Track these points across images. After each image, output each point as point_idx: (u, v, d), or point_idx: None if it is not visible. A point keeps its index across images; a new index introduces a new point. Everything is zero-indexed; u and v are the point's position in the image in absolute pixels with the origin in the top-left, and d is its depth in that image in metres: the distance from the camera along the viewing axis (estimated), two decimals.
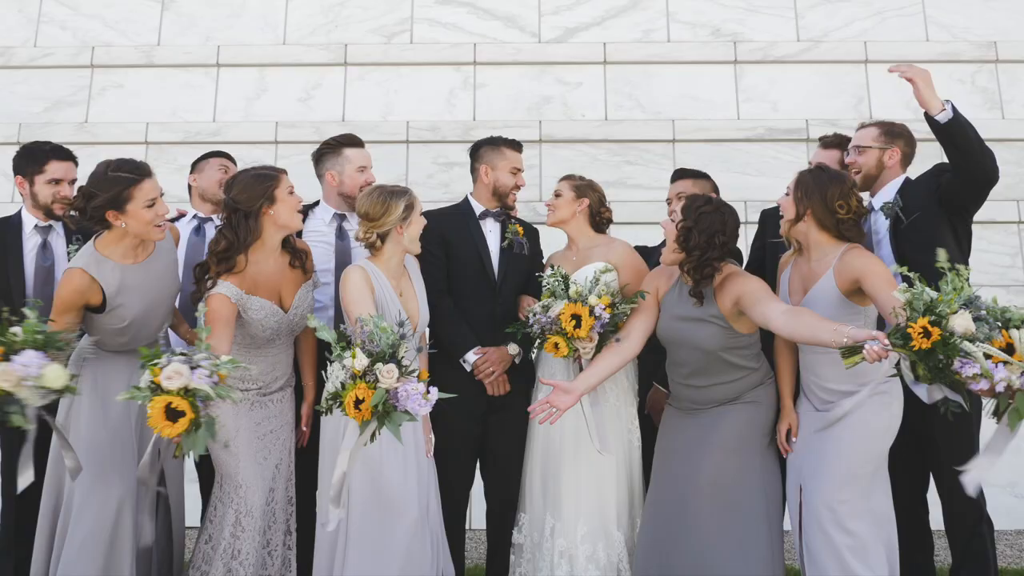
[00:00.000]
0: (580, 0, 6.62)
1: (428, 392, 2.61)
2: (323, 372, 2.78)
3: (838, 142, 4.03)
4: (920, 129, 6.00)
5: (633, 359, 3.61)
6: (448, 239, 3.82)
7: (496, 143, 3.99)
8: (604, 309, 3.36)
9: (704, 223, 3.27)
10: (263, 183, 3.30)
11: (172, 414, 2.61)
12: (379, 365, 2.57)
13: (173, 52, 6.57)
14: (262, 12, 6.66)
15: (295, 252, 3.45)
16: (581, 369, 3.47)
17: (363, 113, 6.43)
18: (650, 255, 3.94)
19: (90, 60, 6.52)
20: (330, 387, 2.63)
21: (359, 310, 3.11)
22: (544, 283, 3.49)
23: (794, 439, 3.32)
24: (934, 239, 3.30)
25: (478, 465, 3.90)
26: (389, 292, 3.35)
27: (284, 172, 3.40)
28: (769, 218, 3.97)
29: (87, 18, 6.67)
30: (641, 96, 6.45)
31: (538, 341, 3.50)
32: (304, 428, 3.59)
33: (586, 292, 3.41)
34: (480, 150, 4.01)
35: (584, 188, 3.90)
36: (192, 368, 2.61)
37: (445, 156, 6.31)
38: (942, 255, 2.74)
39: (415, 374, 2.64)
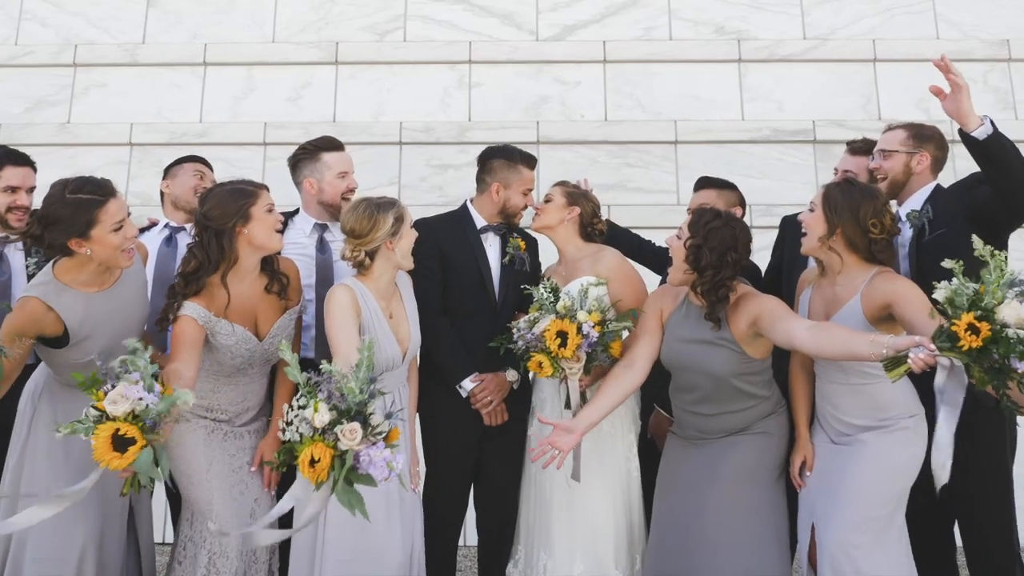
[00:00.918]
0: None
1: (395, 460, 2.29)
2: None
3: (867, 148, 3.67)
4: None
5: None
6: (445, 253, 3.50)
7: (512, 158, 3.61)
8: (593, 327, 3.05)
9: (714, 240, 2.97)
10: (238, 200, 2.98)
11: (120, 443, 2.29)
12: (343, 423, 2.26)
13: (158, 50, 6.29)
14: (250, 9, 6.37)
15: (274, 276, 3.12)
16: (569, 390, 3.17)
17: (354, 113, 6.15)
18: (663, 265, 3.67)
19: (73, 59, 6.24)
20: (286, 435, 2.32)
21: (341, 337, 2.82)
22: (534, 296, 3.20)
23: (808, 473, 3.04)
24: (960, 257, 2.99)
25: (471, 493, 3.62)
26: (377, 315, 3.06)
27: (264, 188, 3.08)
28: (789, 225, 3.68)
29: (70, 15, 6.38)
30: (642, 96, 6.16)
31: (523, 359, 3.19)
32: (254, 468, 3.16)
33: (576, 307, 3.12)
34: (493, 163, 3.62)
35: (577, 196, 3.60)
36: (133, 384, 2.30)
37: (439, 158, 6.05)
38: (957, 266, 2.45)
39: (382, 435, 2.32)
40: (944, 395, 2.44)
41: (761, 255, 3.77)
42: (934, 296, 2.45)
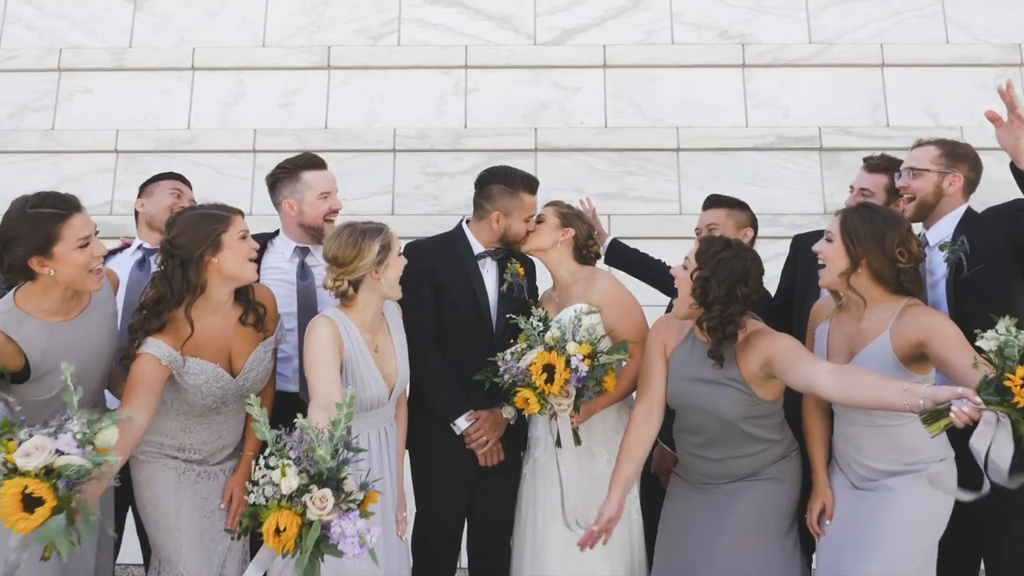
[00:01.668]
0: (578, 0, 6.04)
1: (369, 533, 2.04)
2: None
3: (886, 165, 3.38)
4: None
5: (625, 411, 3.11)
6: (439, 280, 3.22)
7: (513, 184, 3.29)
8: (582, 360, 2.79)
9: (723, 272, 2.70)
10: (208, 225, 2.70)
11: (29, 502, 2.01)
12: (312, 489, 2.00)
13: (145, 54, 6.02)
14: (240, 12, 6.10)
15: (250, 306, 2.86)
16: (559, 428, 2.92)
17: (347, 120, 5.88)
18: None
19: (57, 63, 5.97)
20: (251, 498, 2.07)
21: (320, 378, 2.57)
22: (521, 326, 2.95)
23: (827, 521, 2.77)
24: (1003, 297, 2.71)
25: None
26: (362, 350, 2.80)
27: (238, 214, 2.81)
28: (803, 244, 3.41)
29: (55, 19, 6.11)
30: (643, 102, 5.89)
31: (509, 394, 2.95)
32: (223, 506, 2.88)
33: (568, 337, 2.86)
34: (492, 189, 3.30)
35: (571, 217, 3.33)
36: (56, 436, 2.03)
37: (434, 166, 5.80)
38: (1007, 321, 2.17)
39: (356, 502, 2.07)
40: (987, 454, 2.16)
41: (765, 267, 3.52)
42: (978, 344, 2.19)
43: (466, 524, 3.36)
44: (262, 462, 2.08)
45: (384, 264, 2.79)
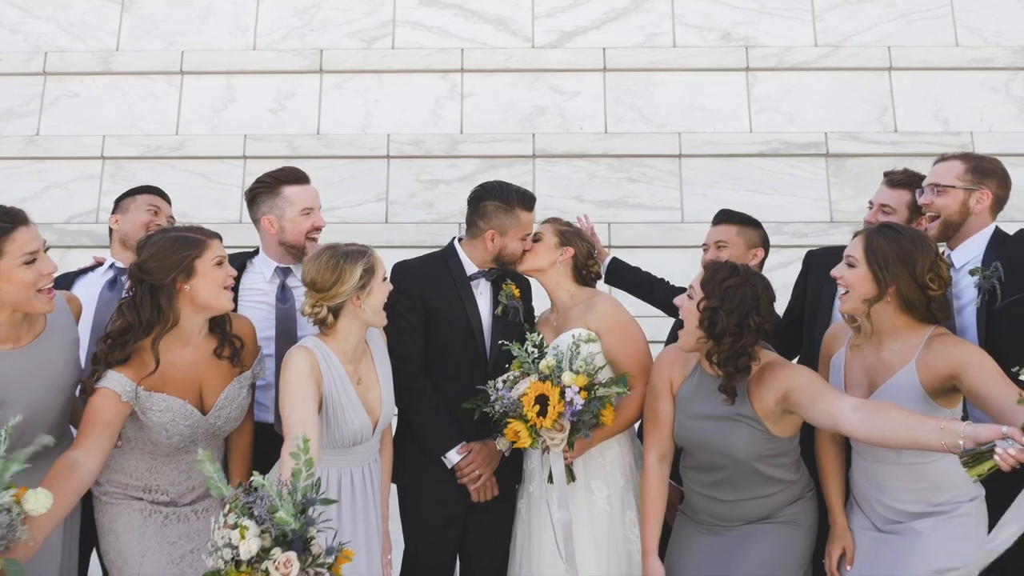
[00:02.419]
0: (577, 1, 5.80)
1: None
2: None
3: (908, 181, 3.11)
4: (949, 143, 5.43)
5: (635, 448, 2.87)
6: (429, 303, 2.97)
7: (508, 201, 3.01)
8: (578, 392, 2.55)
9: (732, 301, 2.45)
10: (181, 250, 2.44)
11: None
12: (275, 552, 1.77)
13: (133, 58, 5.78)
14: (231, 14, 5.85)
15: (226, 338, 2.60)
16: (552, 464, 2.69)
17: (340, 125, 5.65)
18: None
19: (43, 67, 5.74)
20: (209, 562, 1.83)
21: (294, 415, 2.32)
22: (514, 352, 2.71)
23: (848, 567, 2.53)
24: None
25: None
26: (343, 382, 2.56)
27: (215, 238, 2.55)
28: (815, 260, 3.19)
29: (41, 21, 5.86)
30: (644, 106, 5.65)
31: (499, 425, 2.72)
32: None
33: (565, 365, 2.62)
34: (487, 206, 3.03)
35: (570, 235, 3.09)
36: None
37: (429, 173, 5.56)
38: None
39: (326, 566, 1.82)
40: None
41: (769, 276, 3.28)
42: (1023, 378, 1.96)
43: (457, 563, 3.11)
44: (223, 519, 1.84)
45: (367, 290, 2.54)
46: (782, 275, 3.66)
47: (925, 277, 2.35)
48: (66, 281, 3.11)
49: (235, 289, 2.88)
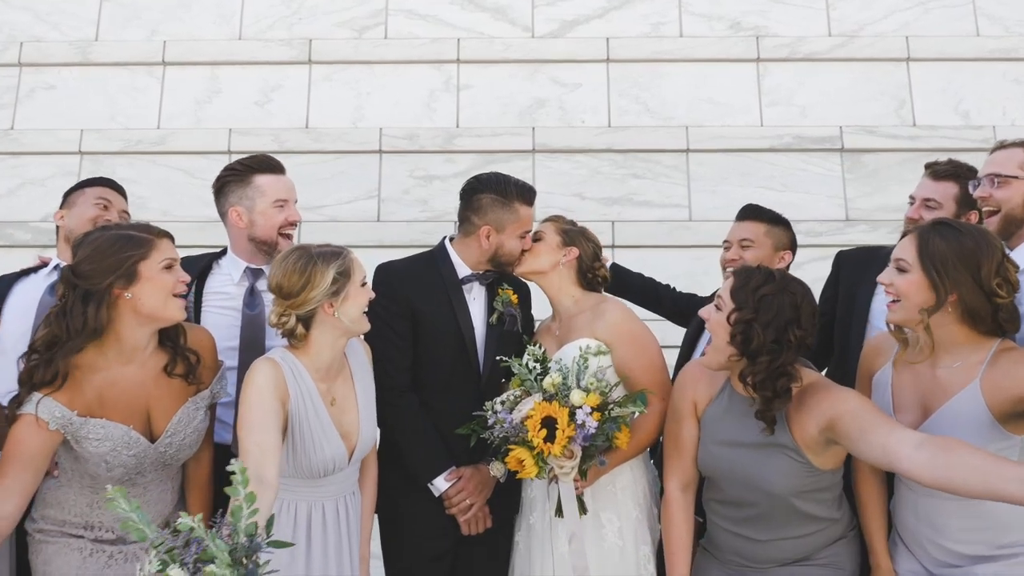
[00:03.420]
0: None
1: None
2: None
3: (955, 171, 2.78)
4: (969, 137, 5.11)
5: (648, 474, 2.52)
6: (416, 309, 2.62)
7: (506, 194, 2.68)
8: (590, 413, 2.21)
9: (768, 312, 2.08)
10: (122, 251, 2.08)
11: None
12: None
13: (113, 48, 5.42)
14: (215, 2, 5.50)
15: (178, 353, 2.24)
16: (560, 494, 2.35)
17: (330, 118, 5.29)
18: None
19: (18, 57, 5.38)
20: None
21: (252, 439, 1.98)
22: (514, 369, 2.36)
23: None
24: None
25: None
26: (313, 401, 2.20)
27: (165, 237, 2.19)
28: (847, 260, 2.87)
29: (16, 10, 5.51)
30: (649, 99, 5.30)
31: (500, 452, 2.37)
32: None
33: (571, 382, 2.28)
34: (482, 199, 2.69)
35: (574, 235, 2.74)
36: None
37: (424, 168, 5.22)
38: None
39: None
40: None
41: None
42: None
43: None
44: (147, 568, 1.49)
45: (341, 296, 2.18)
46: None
47: (992, 282, 1.99)
48: (5, 283, 2.75)
49: (199, 293, 2.54)
